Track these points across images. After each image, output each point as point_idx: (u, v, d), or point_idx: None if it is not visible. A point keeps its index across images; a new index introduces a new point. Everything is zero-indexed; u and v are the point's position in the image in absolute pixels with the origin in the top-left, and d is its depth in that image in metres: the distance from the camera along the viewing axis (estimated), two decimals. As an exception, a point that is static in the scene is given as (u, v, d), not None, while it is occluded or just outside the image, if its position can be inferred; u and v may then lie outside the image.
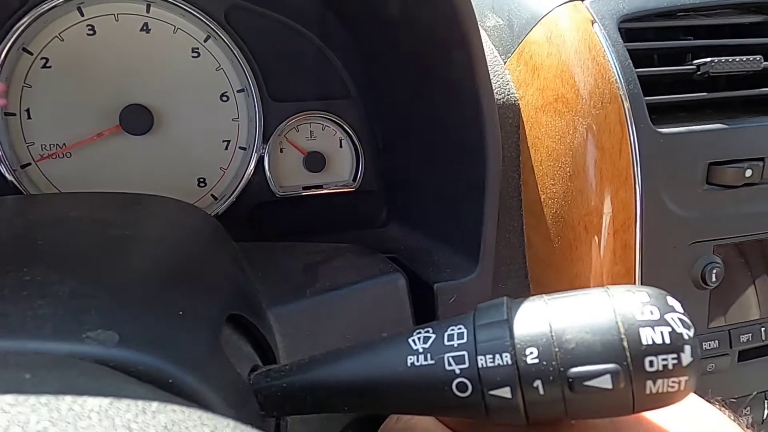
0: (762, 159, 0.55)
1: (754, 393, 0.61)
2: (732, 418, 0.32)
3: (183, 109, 0.62)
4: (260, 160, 0.65)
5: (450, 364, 0.29)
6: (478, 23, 0.48)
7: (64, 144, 0.59)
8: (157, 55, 0.60)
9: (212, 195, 0.65)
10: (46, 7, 0.55)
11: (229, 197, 0.64)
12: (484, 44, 0.48)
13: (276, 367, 0.33)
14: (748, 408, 0.61)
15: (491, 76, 0.50)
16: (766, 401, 0.61)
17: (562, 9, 0.56)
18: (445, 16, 0.45)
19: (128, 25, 0.59)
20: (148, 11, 0.59)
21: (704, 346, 0.57)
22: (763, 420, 0.62)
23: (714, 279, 0.54)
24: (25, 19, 0.55)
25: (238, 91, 0.63)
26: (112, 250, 0.36)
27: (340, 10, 0.60)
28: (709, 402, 0.32)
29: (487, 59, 0.49)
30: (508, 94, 0.59)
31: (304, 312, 0.44)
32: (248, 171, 0.64)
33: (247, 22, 0.62)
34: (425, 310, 0.51)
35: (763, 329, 0.59)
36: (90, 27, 0.58)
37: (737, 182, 0.54)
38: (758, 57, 0.55)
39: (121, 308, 0.29)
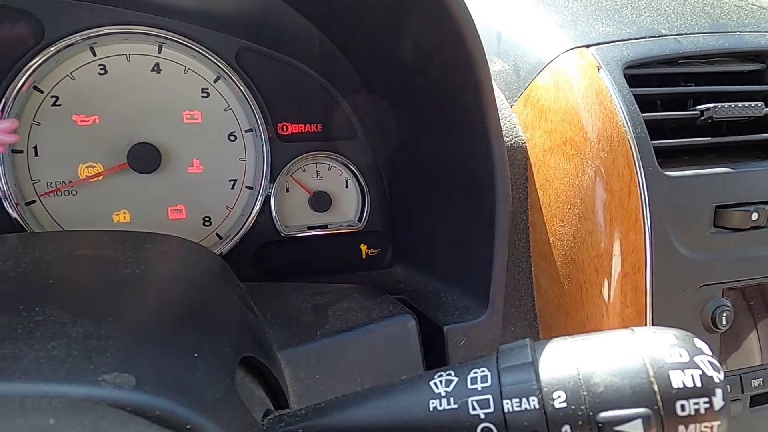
0: (767, 203, 0.55)
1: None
2: None
3: (191, 148, 0.62)
4: (266, 200, 0.64)
5: (474, 408, 0.28)
6: (488, 67, 0.49)
7: (70, 181, 0.59)
8: (167, 95, 0.61)
9: (217, 234, 0.64)
10: (60, 46, 0.56)
11: (235, 236, 0.64)
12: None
13: (291, 411, 0.32)
14: (760, 456, 0.59)
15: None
16: (777, 449, 0.60)
17: (568, 55, 0.57)
18: (458, 60, 0.46)
19: (140, 65, 0.60)
20: (159, 52, 0.60)
21: (716, 391, 0.56)
22: (775, 468, 0.60)
23: (725, 322, 0.54)
24: (38, 58, 0.55)
25: (246, 131, 0.64)
26: (124, 289, 0.35)
27: (351, 53, 0.62)
28: None
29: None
30: (515, 137, 0.59)
31: (314, 354, 0.43)
32: (254, 210, 0.64)
33: (256, 64, 0.63)
34: (435, 352, 0.50)
35: (773, 374, 0.58)
36: (102, 66, 0.59)
37: (744, 225, 0.54)
38: (760, 103, 0.56)
39: (136, 350, 0.28)
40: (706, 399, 0.25)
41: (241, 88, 0.62)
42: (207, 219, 0.63)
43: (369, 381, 0.33)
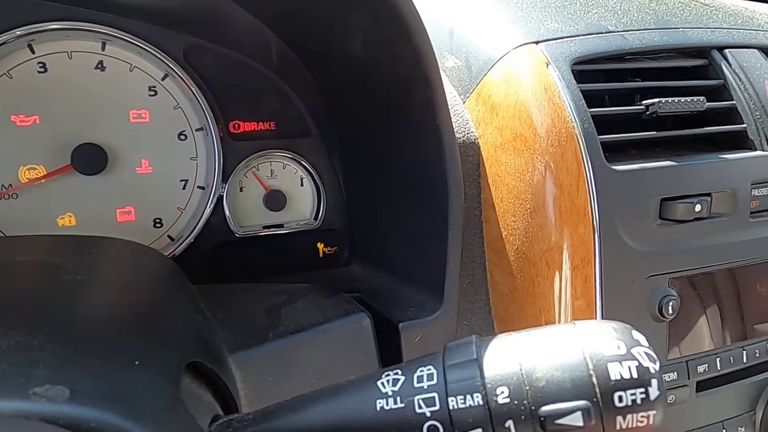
0: (709, 194, 0.57)
1: (713, 423, 0.62)
2: None
3: (139, 148, 0.60)
4: (219, 200, 0.63)
5: (420, 407, 0.28)
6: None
7: (10, 185, 0.57)
8: (112, 94, 0.59)
9: (169, 236, 0.63)
10: (-6, 44, 0.53)
11: (187, 238, 0.62)
12: (443, 84, 0.49)
13: (238, 416, 0.31)
14: (708, 438, 0.62)
15: (451, 115, 0.51)
16: (724, 430, 0.62)
17: (517, 51, 0.58)
18: (406, 55, 0.46)
19: (82, 62, 0.58)
20: (103, 49, 0.58)
21: (664, 378, 0.58)
22: (722, 449, 0.63)
23: (671, 311, 0.56)
24: (-28, 57, 0.53)
25: (197, 130, 0.63)
26: (63, 296, 0.34)
27: (301, 49, 0.61)
28: None
29: (447, 99, 0.50)
30: (468, 133, 0.60)
31: (267, 357, 0.42)
32: (207, 211, 0.63)
33: (206, 61, 0.62)
34: (391, 350, 0.50)
35: (718, 359, 0.60)
36: (41, 64, 0.56)
37: (688, 217, 0.56)
38: (702, 98, 0.58)
39: (71, 361, 0.27)
40: (643, 390, 0.26)
41: (191, 85, 0.61)
42: (158, 221, 0.62)
43: (324, 381, 0.33)
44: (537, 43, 0.58)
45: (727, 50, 0.63)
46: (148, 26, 0.59)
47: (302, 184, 0.68)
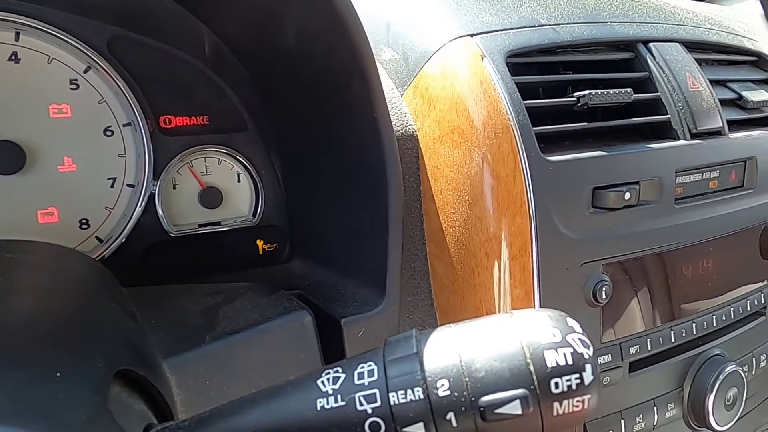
0: (638, 183, 0.59)
1: (645, 401, 0.65)
2: None
3: (61, 145, 0.57)
4: (151, 198, 0.61)
5: (361, 404, 0.27)
6: (375, 56, 0.48)
7: None
8: (29, 87, 0.55)
9: (97, 237, 0.59)
10: None
11: (117, 239, 0.59)
12: (381, 77, 0.49)
13: (173, 424, 0.30)
14: (641, 415, 0.64)
15: (389, 108, 0.50)
16: (655, 407, 0.65)
17: (453, 44, 0.58)
18: (342, 49, 0.46)
19: (-7, 54, 0.54)
20: (17, 39, 0.54)
21: (599, 361, 0.60)
22: (654, 426, 0.66)
23: (604, 296, 0.58)
24: None
25: (124, 125, 0.60)
26: (-26, 305, 0.32)
27: (234, 42, 0.59)
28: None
29: (385, 91, 0.50)
30: (406, 126, 0.60)
31: (204, 360, 0.41)
32: (137, 210, 0.60)
33: (132, 53, 0.59)
34: (334, 347, 0.49)
35: (648, 340, 0.63)
36: (-53, 56, 0.52)
37: (618, 205, 0.58)
38: (629, 90, 0.60)
39: (-17, 374, 0.25)
40: (578, 375, 0.27)
41: (116, 79, 0.58)
42: (84, 221, 0.59)
43: (265, 382, 0.32)
44: (472, 36, 0.59)
45: (651, 44, 0.66)
46: (68, 16, 0.56)
47: (239, 180, 0.66)
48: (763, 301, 0.74)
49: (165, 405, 0.35)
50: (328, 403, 0.28)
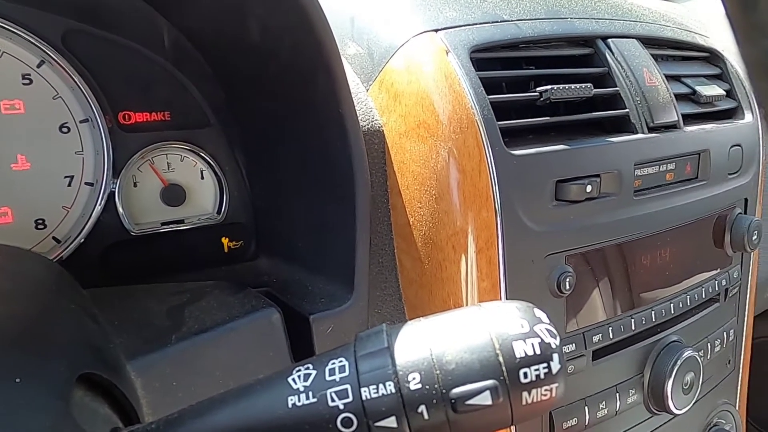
0: (599, 175, 0.61)
1: (608, 388, 0.67)
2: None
3: (14, 143, 0.55)
4: (111, 197, 0.59)
5: (333, 400, 0.27)
6: (340, 51, 0.48)
7: None
8: (-23, 83, 0.53)
9: (54, 238, 0.58)
10: None
11: (75, 239, 0.57)
12: (346, 72, 0.49)
13: (139, 427, 0.29)
14: (604, 402, 0.66)
15: (355, 103, 0.50)
16: (617, 393, 0.67)
17: (418, 39, 0.59)
18: (306, 43, 0.45)
19: (-61, 48, 0.51)
20: (-36, 33, 0.52)
21: (564, 350, 0.61)
22: (616, 411, 0.68)
23: (568, 287, 0.59)
24: None
25: (81, 122, 0.58)
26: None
27: (196, 36, 0.58)
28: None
29: (350, 87, 0.49)
30: (372, 121, 0.60)
31: (170, 361, 0.40)
32: (96, 209, 0.58)
33: (89, 47, 0.57)
34: (303, 344, 0.49)
35: (610, 329, 0.65)
36: None
37: (580, 197, 0.59)
38: (589, 85, 0.62)
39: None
40: (545, 365, 0.27)
41: (71, 73, 0.56)
42: (40, 221, 0.57)
43: (234, 382, 0.31)
44: (437, 31, 0.59)
45: (610, 40, 0.68)
46: (20, 8, 0.53)
47: (202, 177, 0.65)
48: (717, 288, 0.77)
49: (131, 408, 0.34)
50: (299, 400, 0.28)
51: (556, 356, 0.27)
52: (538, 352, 0.27)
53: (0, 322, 0.31)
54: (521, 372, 0.27)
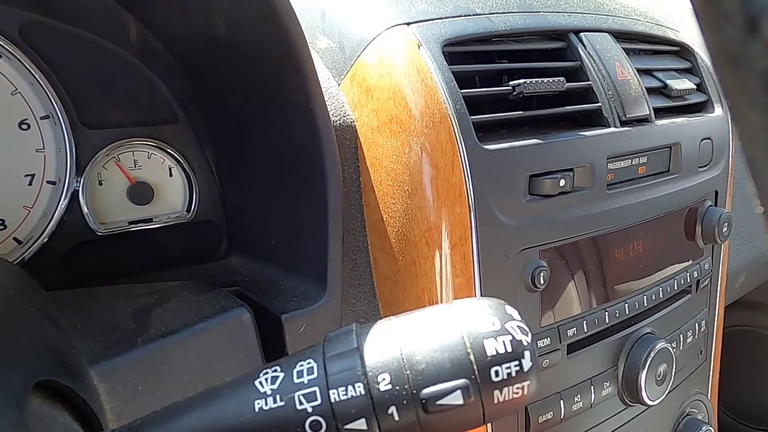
0: (572, 169, 0.61)
1: (583, 381, 0.67)
2: None
3: (-30, 141, 0.53)
4: (74, 195, 0.57)
5: (301, 403, 0.27)
6: (310, 45, 0.47)
7: None
8: (-71, 78, 0.51)
9: (15, 239, 0.56)
10: None
11: (38, 240, 0.56)
12: (317, 66, 0.48)
13: (100, 435, 0.28)
14: (579, 395, 0.67)
15: (326, 98, 0.49)
16: (592, 386, 0.68)
17: (390, 33, 0.58)
18: (274, 37, 0.44)
19: None
20: None
21: (539, 344, 0.61)
22: (591, 404, 0.68)
23: (542, 281, 0.59)
24: None
25: (42, 118, 0.56)
26: None
27: (161, 30, 0.56)
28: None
29: (321, 81, 0.48)
30: (344, 116, 0.59)
31: (135, 364, 0.39)
32: (60, 208, 0.56)
33: (49, 41, 0.55)
34: (275, 344, 0.48)
35: (585, 322, 0.65)
36: None
37: (554, 191, 0.59)
38: (562, 79, 0.61)
39: None
40: (517, 362, 0.27)
41: (30, 68, 0.54)
42: (0, 222, 0.55)
43: (203, 385, 0.30)
44: (408, 24, 0.58)
45: (582, 34, 0.68)
46: (-28, -1, 0.51)
47: (171, 174, 0.63)
48: (689, 280, 0.78)
49: (92, 415, 0.33)
50: (266, 404, 0.27)
51: (527, 353, 0.27)
52: (509, 349, 0.27)
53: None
54: (492, 370, 0.26)
